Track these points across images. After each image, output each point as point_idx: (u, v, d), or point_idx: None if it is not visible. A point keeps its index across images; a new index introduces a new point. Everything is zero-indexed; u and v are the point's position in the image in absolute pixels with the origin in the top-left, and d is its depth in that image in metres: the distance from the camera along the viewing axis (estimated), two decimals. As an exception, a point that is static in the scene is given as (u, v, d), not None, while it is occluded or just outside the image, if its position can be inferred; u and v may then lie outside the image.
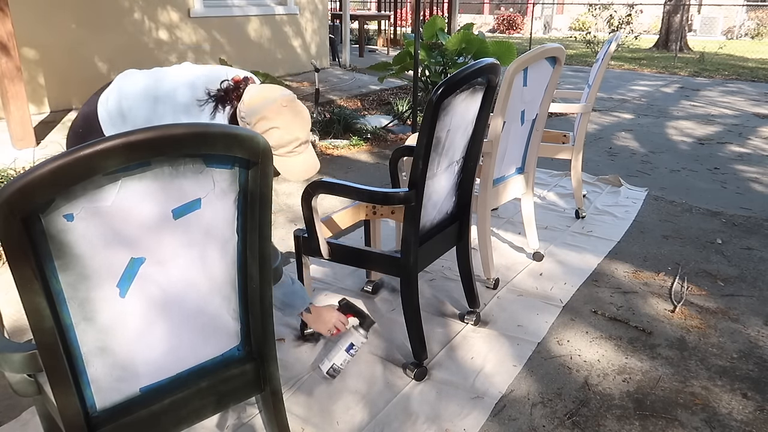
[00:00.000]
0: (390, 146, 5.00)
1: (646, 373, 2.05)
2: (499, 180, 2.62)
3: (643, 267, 2.84)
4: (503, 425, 1.79)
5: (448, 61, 5.52)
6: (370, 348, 2.16)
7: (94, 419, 1.10)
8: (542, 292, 2.58)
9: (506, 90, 2.35)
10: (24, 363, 1.09)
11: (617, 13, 13.41)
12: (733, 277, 2.75)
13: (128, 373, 1.12)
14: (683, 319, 2.39)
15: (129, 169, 0.97)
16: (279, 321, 2.28)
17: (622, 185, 4.01)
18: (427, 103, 1.75)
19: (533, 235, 2.87)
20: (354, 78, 7.79)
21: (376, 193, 1.95)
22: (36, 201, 0.88)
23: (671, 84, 9.01)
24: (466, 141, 2.08)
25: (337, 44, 8.98)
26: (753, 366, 2.09)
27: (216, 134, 1.03)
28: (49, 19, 5.25)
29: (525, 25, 19.60)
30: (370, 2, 18.40)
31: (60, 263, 0.96)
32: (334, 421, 1.79)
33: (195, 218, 1.09)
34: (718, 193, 3.97)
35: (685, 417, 1.84)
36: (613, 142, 5.32)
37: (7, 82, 3.99)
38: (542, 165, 4.24)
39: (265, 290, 1.24)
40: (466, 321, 2.33)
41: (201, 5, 6.53)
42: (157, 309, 1.12)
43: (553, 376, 2.02)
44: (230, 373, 1.27)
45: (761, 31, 18.92)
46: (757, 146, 5.29)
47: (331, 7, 10.82)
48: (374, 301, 2.49)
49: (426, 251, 2.04)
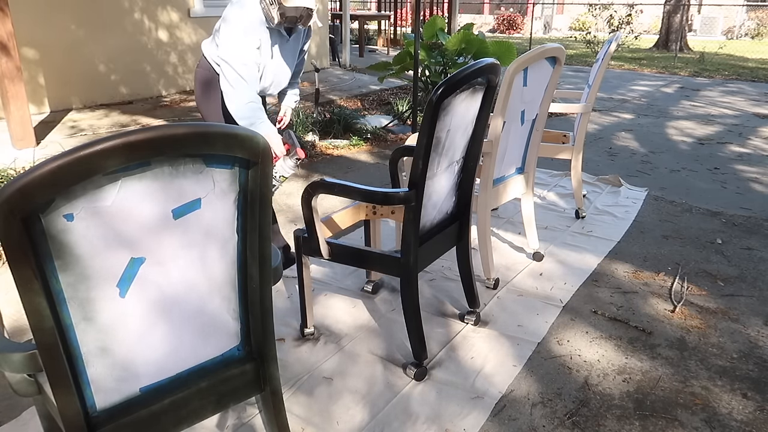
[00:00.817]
0: (390, 146, 5.00)
1: (646, 373, 2.05)
2: (499, 180, 2.62)
3: (643, 267, 2.84)
4: (503, 425, 1.79)
5: (448, 61, 5.52)
6: (370, 348, 2.16)
7: (94, 419, 1.10)
8: (542, 292, 2.58)
9: (506, 90, 2.35)
10: (24, 363, 1.08)
11: (617, 13, 13.41)
12: (733, 277, 2.75)
13: (128, 373, 1.12)
14: (683, 319, 2.39)
15: (129, 169, 0.97)
16: (279, 321, 2.28)
17: (622, 185, 4.01)
18: (427, 103, 1.75)
19: (533, 235, 2.87)
20: (354, 78, 7.79)
21: (376, 193, 1.95)
22: (36, 201, 0.88)
23: (671, 84, 9.02)
24: (466, 141, 2.08)
25: (337, 44, 8.99)
26: (753, 366, 2.09)
27: (216, 134, 1.03)
28: (49, 19, 5.25)
29: (525, 25, 19.61)
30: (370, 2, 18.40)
31: (60, 263, 0.96)
32: (334, 421, 1.79)
33: (195, 218, 1.09)
34: (718, 193, 3.97)
35: (685, 417, 1.84)
36: (613, 142, 5.32)
37: (7, 82, 3.99)
38: (542, 165, 4.24)
39: (265, 290, 1.24)
40: (466, 321, 2.33)
41: (201, 5, 6.53)
42: (157, 309, 1.12)
43: (553, 376, 2.02)
44: (230, 373, 1.27)
45: (761, 31, 18.92)
46: (757, 146, 5.29)
47: (331, 7, 10.82)
48: (374, 301, 2.49)
49: (426, 251, 2.04)
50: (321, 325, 2.30)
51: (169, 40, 6.35)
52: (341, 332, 2.26)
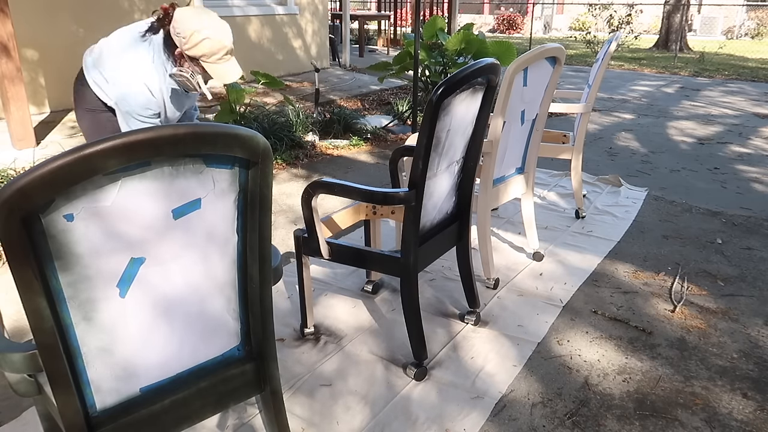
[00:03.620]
0: (390, 146, 5.00)
1: (646, 373, 2.05)
2: (499, 180, 2.62)
3: (643, 267, 2.84)
4: (503, 425, 1.79)
5: (448, 61, 5.52)
6: (370, 348, 2.16)
7: (94, 419, 1.10)
8: (542, 292, 2.58)
9: (506, 90, 2.35)
10: (24, 363, 1.08)
11: (617, 13, 13.41)
12: (733, 277, 2.75)
13: (128, 373, 1.12)
14: (683, 319, 2.39)
15: (129, 169, 0.97)
16: (279, 321, 2.28)
17: (622, 185, 4.00)
18: (427, 103, 1.75)
19: (533, 235, 2.87)
20: (354, 78, 7.79)
21: (376, 193, 1.95)
22: (36, 201, 0.88)
23: (672, 84, 9.01)
24: (466, 141, 2.08)
25: (337, 44, 8.99)
26: (753, 366, 2.09)
27: (216, 134, 1.03)
28: (49, 19, 5.26)
29: (525, 25, 19.60)
30: (370, 2, 18.40)
31: (60, 263, 0.96)
32: (334, 421, 1.79)
33: (195, 218, 1.09)
34: (718, 193, 3.97)
35: (685, 417, 1.83)
36: (613, 142, 5.32)
37: (7, 82, 3.99)
38: (542, 165, 4.24)
39: (265, 290, 1.24)
40: (467, 321, 2.33)
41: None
42: (157, 309, 1.12)
43: (553, 376, 2.02)
44: (230, 373, 1.27)
45: (761, 31, 18.92)
46: (757, 146, 5.29)
47: (331, 7, 10.82)
48: (374, 301, 2.49)
49: (426, 251, 2.04)
50: (321, 325, 2.30)
51: (169, 41, 6.35)
52: (341, 332, 2.26)
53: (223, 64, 1.99)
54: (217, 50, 1.95)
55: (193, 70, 2.01)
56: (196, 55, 1.96)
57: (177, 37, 1.95)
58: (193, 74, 2.01)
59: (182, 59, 2.00)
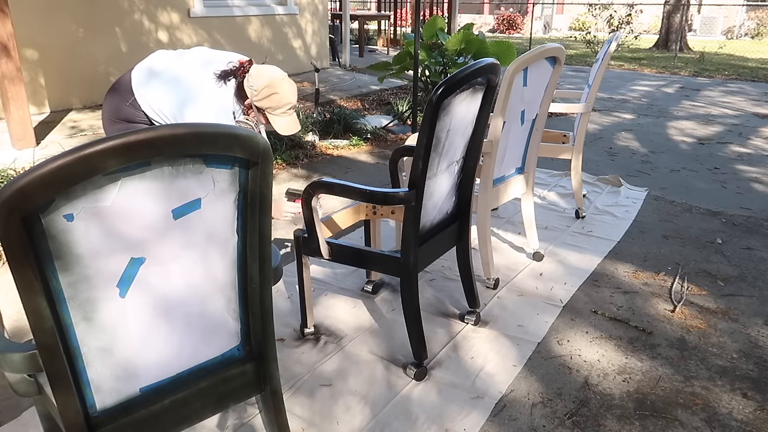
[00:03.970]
0: (390, 146, 5.00)
1: (646, 373, 2.05)
2: (499, 180, 2.62)
3: (643, 267, 2.84)
4: (503, 425, 1.79)
5: (448, 61, 5.52)
6: (370, 348, 2.16)
7: (94, 419, 1.10)
8: (542, 292, 2.58)
9: (506, 90, 2.35)
10: (24, 363, 1.08)
11: (617, 13, 13.41)
12: (733, 277, 2.75)
13: (128, 373, 1.12)
14: (683, 319, 2.39)
15: (129, 169, 0.97)
16: (279, 321, 2.28)
17: (622, 185, 4.00)
18: (427, 103, 1.75)
19: (533, 235, 2.87)
20: (354, 78, 7.79)
21: (376, 193, 1.95)
22: (36, 201, 0.88)
23: (672, 84, 9.01)
24: (466, 141, 2.08)
25: (337, 44, 8.99)
26: (753, 366, 2.09)
27: (216, 134, 1.03)
28: (49, 19, 5.25)
29: (525, 25, 19.60)
30: (370, 2, 18.40)
31: (60, 263, 0.96)
32: (334, 421, 1.79)
33: (195, 218, 1.09)
34: (718, 193, 3.97)
35: (685, 417, 1.84)
36: (613, 142, 5.32)
37: (7, 82, 3.99)
38: (542, 165, 4.24)
39: (265, 290, 1.24)
40: (467, 321, 2.33)
41: (201, 5, 6.53)
42: (157, 309, 1.12)
43: (553, 376, 2.02)
44: (230, 373, 1.27)
45: (761, 31, 18.92)
46: (757, 146, 5.29)
47: (331, 7, 10.82)
48: (374, 301, 2.49)
49: (426, 251, 2.04)
50: (321, 325, 2.30)
51: (169, 41, 6.35)
52: (341, 332, 2.26)
53: (285, 117, 2.18)
54: (283, 105, 2.14)
55: (258, 120, 2.21)
56: (264, 107, 2.15)
57: (249, 89, 2.13)
58: (257, 123, 2.21)
59: (250, 109, 2.19)
